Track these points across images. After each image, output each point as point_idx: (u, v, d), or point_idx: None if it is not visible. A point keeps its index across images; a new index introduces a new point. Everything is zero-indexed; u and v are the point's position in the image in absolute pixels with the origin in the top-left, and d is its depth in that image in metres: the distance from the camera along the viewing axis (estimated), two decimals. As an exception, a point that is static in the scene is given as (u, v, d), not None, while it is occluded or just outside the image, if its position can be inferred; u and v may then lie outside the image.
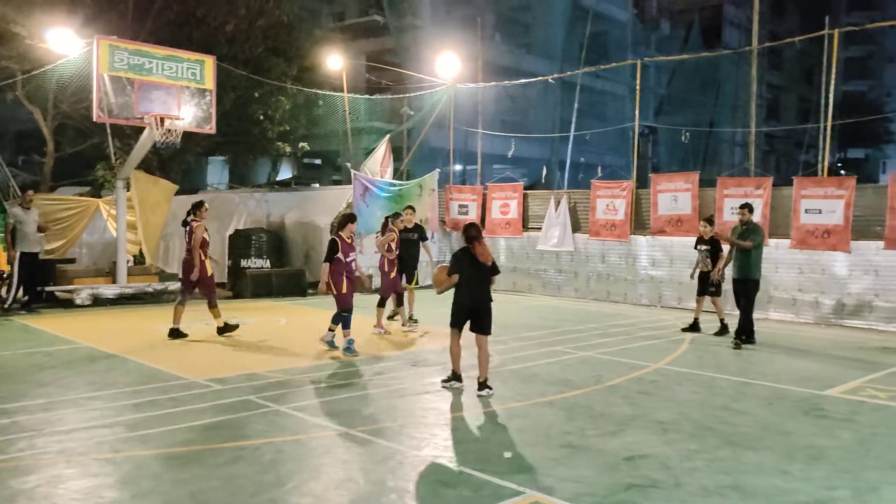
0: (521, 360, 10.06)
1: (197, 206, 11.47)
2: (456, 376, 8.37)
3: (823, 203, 13.89)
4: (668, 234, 16.13)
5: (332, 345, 10.49)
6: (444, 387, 8.32)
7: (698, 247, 12.66)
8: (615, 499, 5.14)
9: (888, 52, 65.46)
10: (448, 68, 20.29)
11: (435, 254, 15.96)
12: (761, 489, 5.38)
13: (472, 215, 19.75)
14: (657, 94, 38.13)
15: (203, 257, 11.28)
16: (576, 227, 17.89)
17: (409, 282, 12.92)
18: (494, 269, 8.18)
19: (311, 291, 17.69)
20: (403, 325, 12.49)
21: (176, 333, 11.18)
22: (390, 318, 13.02)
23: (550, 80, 20.78)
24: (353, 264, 10.43)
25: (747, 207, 11.69)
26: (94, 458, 5.82)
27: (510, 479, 5.46)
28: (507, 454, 6.05)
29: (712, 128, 34.02)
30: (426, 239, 13.49)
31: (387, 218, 12.86)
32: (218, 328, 11.53)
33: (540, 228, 18.43)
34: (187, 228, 11.43)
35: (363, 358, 9.89)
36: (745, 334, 11.45)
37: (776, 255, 14.36)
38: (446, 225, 20.35)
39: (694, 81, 34.39)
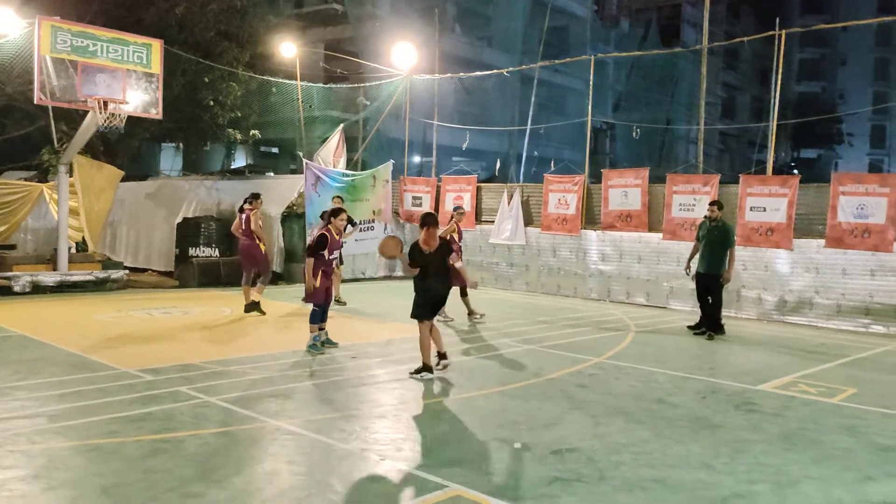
0: (465, 353, 10.03)
1: (254, 197, 12.84)
2: (427, 367, 8.40)
3: (768, 201, 14.09)
4: (617, 229, 16.23)
5: (329, 343, 9.94)
6: (413, 377, 8.33)
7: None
8: (538, 492, 5.13)
9: (840, 55, 66.99)
10: (405, 59, 20.13)
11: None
12: (684, 482, 5.41)
13: (426, 207, 19.65)
14: (615, 91, 38.37)
15: (258, 240, 12.64)
16: (528, 221, 17.91)
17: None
18: (447, 249, 8.41)
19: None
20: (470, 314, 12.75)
21: (254, 308, 12.55)
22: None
23: (506, 73, 20.78)
24: (334, 262, 10.14)
25: (717, 205, 11.97)
26: (9, 450, 5.64)
27: (435, 473, 5.41)
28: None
29: (669, 125, 34.36)
30: (354, 225, 14.44)
31: (451, 213, 13.23)
32: (247, 305, 12.61)
33: (493, 221, 18.43)
34: (243, 216, 12.64)
35: (301, 350, 9.71)
36: (714, 327, 11.92)
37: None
38: (400, 216, 20.24)
39: (651, 79, 34.64)
